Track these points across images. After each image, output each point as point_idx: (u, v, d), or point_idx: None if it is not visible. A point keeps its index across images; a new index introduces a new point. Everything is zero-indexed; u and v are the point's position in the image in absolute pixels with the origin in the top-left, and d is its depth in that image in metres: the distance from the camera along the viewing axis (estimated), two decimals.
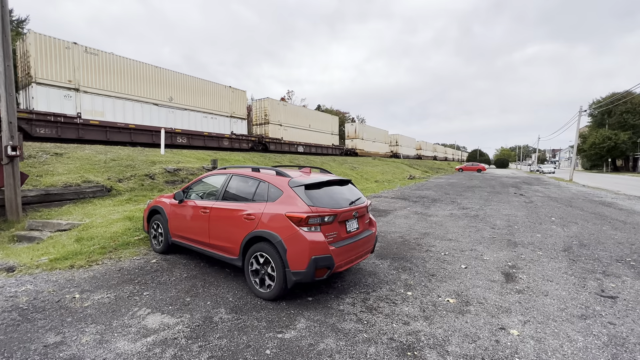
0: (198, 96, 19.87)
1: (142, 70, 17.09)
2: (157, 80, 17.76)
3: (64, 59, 14.01)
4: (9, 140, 6.94)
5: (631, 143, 52.77)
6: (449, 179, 25.88)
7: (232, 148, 21.61)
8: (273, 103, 25.46)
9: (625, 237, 6.96)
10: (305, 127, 28.88)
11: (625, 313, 3.51)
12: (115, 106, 15.81)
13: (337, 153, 33.53)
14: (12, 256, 5.14)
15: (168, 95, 18.33)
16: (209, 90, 20.59)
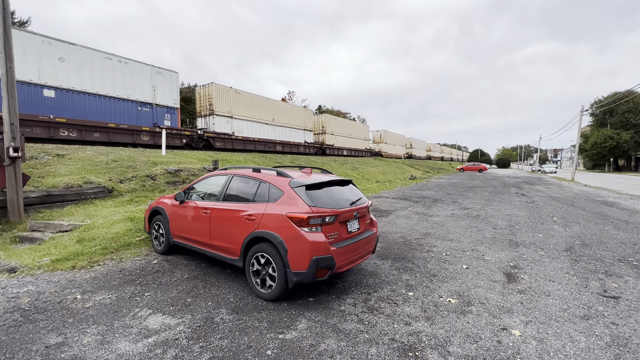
0: (285, 116, 26.34)
1: (258, 100, 23.92)
2: (266, 107, 24.51)
3: (225, 98, 21.07)
4: (11, 141, 6.96)
5: (633, 142, 52.58)
6: (450, 179, 25.83)
7: (305, 153, 28.11)
8: (329, 117, 33.77)
9: (627, 237, 6.93)
10: (347, 135, 36.44)
11: (628, 313, 3.49)
12: (247, 126, 22.75)
13: (368, 155, 40.14)
14: (14, 257, 5.16)
15: (271, 117, 24.89)
16: (291, 111, 27.65)
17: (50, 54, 13.01)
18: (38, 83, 12.82)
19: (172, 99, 17.68)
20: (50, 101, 13.12)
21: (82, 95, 14.10)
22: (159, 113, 17.03)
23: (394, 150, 48.71)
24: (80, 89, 14.00)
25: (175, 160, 13.09)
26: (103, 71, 14.63)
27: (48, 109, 12.99)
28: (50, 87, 13.11)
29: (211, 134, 19.95)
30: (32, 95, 12.64)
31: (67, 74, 13.55)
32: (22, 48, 12.07)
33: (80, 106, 14.03)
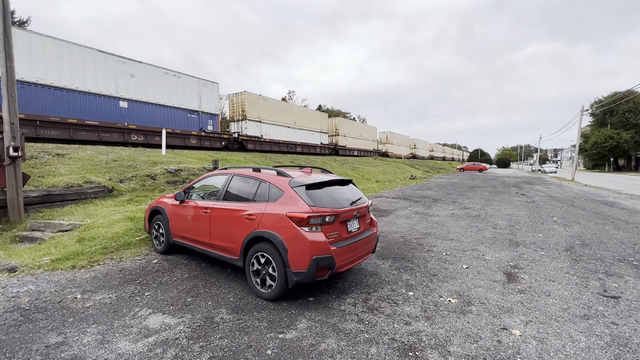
0: (304, 119, 28.92)
1: (282, 106, 26.90)
2: (288, 112, 27.11)
3: (255, 105, 23.43)
4: (11, 141, 6.96)
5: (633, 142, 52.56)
6: (450, 179, 25.83)
7: (321, 153, 30.79)
8: (342, 121, 36.73)
9: (627, 236, 6.93)
10: (357, 137, 39.00)
11: (628, 313, 3.49)
12: (273, 129, 24.91)
13: (376, 155, 42.32)
14: (14, 256, 5.16)
15: (293, 121, 27.33)
16: (309, 115, 30.16)
17: (124, 71, 15.52)
18: (115, 96, 15.29)
19: (213, 107, 20.33)
20: (124, 111, 15.62)
21: (146, 105, 16.63)
22: (204, 119, 19.65)
23: (399, 150, 51.22)
24: (145, 100, 16.51)
25: (175, 160, 13.09)
26: (162, 84, 17.25)
27: (123, 117, 15.52)
28: (124, 99, 15.62)
29: (244, 137, 22.40)
30: (111, 106, 15.15)
31: (136, 88, 16.12)
32: (105, 67, 14.77)
33: (145, 114, 16.53)
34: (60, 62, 13.35)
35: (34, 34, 12.75)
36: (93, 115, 14.47)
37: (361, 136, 39.71)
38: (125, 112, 15.59)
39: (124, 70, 15.42)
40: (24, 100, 12.28)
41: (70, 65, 13.65)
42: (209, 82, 20.00)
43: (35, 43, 12.60)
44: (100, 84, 14.62)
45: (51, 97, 13.25)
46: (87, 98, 14.34)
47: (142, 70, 16.32)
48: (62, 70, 13.44)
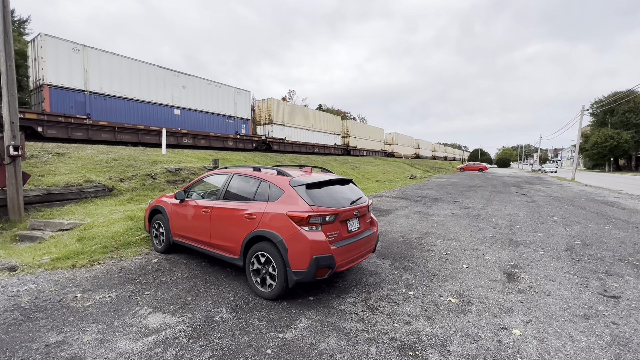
0: (320, 122, 31.38)
1: (301, 110, 29.88)
2: (307, 115, 29.69)
3: (279, 110, 25.94)
4: (11, 140, 6.96)
5: (634, 142, 52.53)
6: (450, 179, 25.83)
7: (334, 153, 33.30)
8: (353, 123, 39.48)
9: (628, 236, 6.92)
10: (367, 138, 41.36)
11: (629, 313, 3.49)
12: (294, 132, 27.41)
13: (383, 155, 44.71)
14: (14, 256, 5.16)
15: (311, 124, 29.86)
16: (324, 118, 32.60)
17: (177, 84, 18.15)
18: (171, 105, 17.85)
19: (246, 112, 22.96)
20: (177, 117, 18.25)
21: (194, 112, 19.29)
22: (238, 124, 22.35)
23: (404, 150, 54.06)
24: (193, 108, 19.19)
25: (176, 159, 13.09)
26: (206, 94, 19.93)
27: (176, 123, 18.21)
28: (178, 107, 18.26)
29: (271, 139, 24.85)
30: (168, 114, 17.82)
31: (187, 97, 18.74)
32: (163, 80, 17.44)
33: (193, 120, 19.22)
34: (131, 77, 15.93)
35: (114, 55, 15.27)
36: (155, 121, 17.06)
37: (370, 137, 42.18)
38: (178, 119, 18.28)
39: (177, 82, 18.13)
40: (105, 110, 14.90)
41: (138, 79, 16.24)
42: (242, 91, 22.83)
43: (113, 62, 15.16)
44: (160, 95, 17.30)
45: (124, 107, 15.78)
46: (150, 107, 16.91)
47: (191, 82, 18.99)
48: (132, 84, 16.03)
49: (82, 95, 14.16)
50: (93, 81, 14.47)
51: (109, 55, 15.06)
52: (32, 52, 13.70)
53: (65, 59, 13.52)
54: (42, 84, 13.09)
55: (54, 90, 13.23)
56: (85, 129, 14.15)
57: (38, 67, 13.31)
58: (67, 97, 13.71)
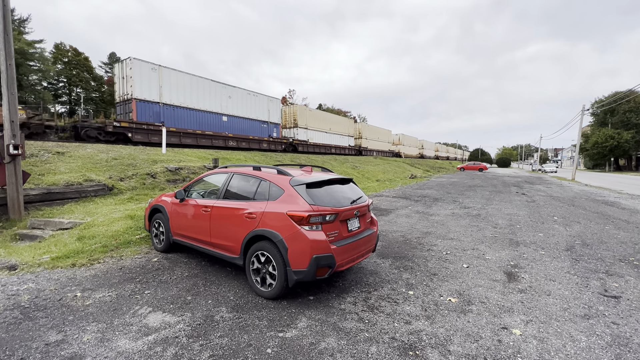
0: (337, 125, 34.76)
1: (321, 114, 33.00)
2: (326, 119, 33.05)
3: (303, 115, 29.25)
4: (11, 139, 6.95)
5: (634, 142, 52.49)
6: (450, 178, 25.81)
7: (349, 154, 36.50)
8: (365, 126, 43.12)
9: (628, 236, 6.92)
10: (376, 139, 44.68)
11: (629, 313, 3.49)
12: (315, 134, 30.67)
13: (390, 155, 47.66)
14: (14, 254, 5.16)
15: (329, 127, 33.09)
16: (340, 121, 36.16)
17: (224, 94, 21.47)
18: (220, 112, 21.13)
19: (277, 118, 26.22)
20: (225, 123, 21.58)
21: (238, 119, 22.60)
22: (271, 127, 25.59)
23: (410, 150, 57.40)
24: (237, 115, 22.48)
25: (176, 159, 13.08)
26: (246, 102, 23.26)
27: (224, 128, 21.51)
28: (225, 115, 21.58)
29: (297, 141, 28.03)
30: (218, 120, 21.06)
31: (232, 106, 22.06)
32: (215, 92, 20.76)
33: (237, 125, 22.54)
34: (191, 90, 19.19)
35: (179, 72, 18.64)
36: (208, 127, 20.29)
37: (379, 138, 45.44)
38: (225, 124, 21.52)
39: (225, 93, 21.48)
40: (173, 118, 18.16)
41: (196, 91, 19.51)
42: (274, 99, 26.27)
43: (179, 78, 18.49)
44: (212, 104, 20.46)
45: (186, 115, 19.00)
46: (205, 115, 20.11)
47: (235, 92, 22.39)
48: (192, 95, 19.24)
49: (157, 106, 17.39)
50: (165, 94, 17.73)
51: (176, 72, 18.44)
52: (120, 71, 16.96)
53: (146, 77, 16.70)
54: (131, 98, 16.23)
55: (139, 103, 16.41)
56: (158, 134, 16.63)
57: (126, 84, 16.48)
58: (147, 108, 16.91)
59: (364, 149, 40.45)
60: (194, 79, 19.48)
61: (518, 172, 44.36)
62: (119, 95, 17.18)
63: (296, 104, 30.01)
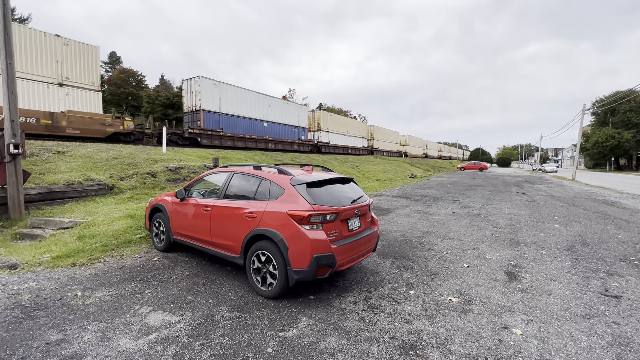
0: (353, 128, 38.46)
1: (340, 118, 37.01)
2: (344, 123, 36.92)
3: (326, 119, 33.11)
4: (12, 138, 6.95)
5: (635, 142, 52.43)
6: (450, 178, 25.80)
7: (363, 154, 39.36)
8: (376, 128, 45.52)
9: (629, 236, 6.91)
10: (386, 140, 48.15)
11: (630, 313, 3.48)
12: (335, 137, 34.21)
13: (397, 155, 50.55)
14: (15, 254, 5.16)
15: (346, 130, 36.63)
16: (355, 124, 40.02)
17: (265, 104, 25.07)
18: (262, 119, 24.70)
19: (305, 122, 30.00)
20: (265, 129, 25.14)
21: (275, 124, 26.07)
22: (300, 131, 29.15)
23: (415, 151, 61.09)
24: (275, 121, 25.98)
25: (176, 158, 13.08)
26: (281, 109, 26.91)
27: (265, 132, 25.04)
28: (266, 121, 25.14)
29: (321, 143, 31.62)
30: (260, 126, 24.59)
31: (271, 113, 25.63)
32: (258, 102, 24.30)
33: (275, 130, 26.02)
34: (241, 101, 22.84)
35: (232, 86, 22.23)
36: (253, 132, 23.81)
37: (388, 140, 49.09)
38: (266, 129, 25.09)
39: (265, 102, 25.13)
40: (229, 125, 21.71)
41: (244, 102, 23.07)
42: (303, 106, 30.66)
43: (232, 91, 22.19)
44: (256, 112, 24.09)
45: (238, 122, 22.52)
46: (251, 122, 23.68)
47: (273, 102, 26.08)
48: (242, 105, 22.87)
49: (217, 116, 20.98)
50: (223, 105, 21.33)
51: (230, 86, 22.15)
52: (188, 86, 20.51)
53: (210, 91, 20.30)
54: (199, 109, 19.85)
55: (205, 113, 20.05)
56: (219, 138, 20.73)
57: (195, 98, 20.11)
58: (211, 117, 20.51)
59: (375, 150, 43.93)
60: (243, 91, 23.17)
61: (518, 172, 44.33)
62: (187, 107, 20.68)
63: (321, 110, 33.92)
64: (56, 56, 13.80)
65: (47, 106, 13.59)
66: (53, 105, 13.79)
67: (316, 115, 32.92)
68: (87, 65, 15.20)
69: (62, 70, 14.06)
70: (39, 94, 13.49)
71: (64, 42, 14.11)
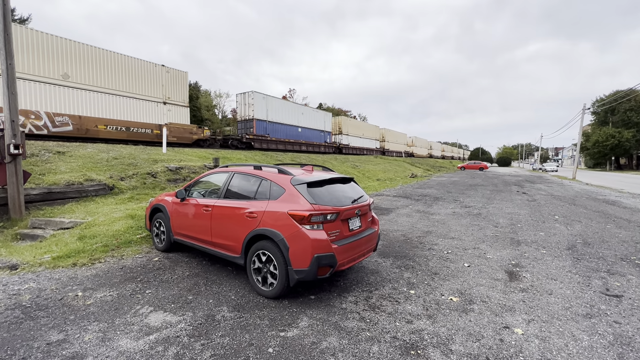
0: (367, 131, 42.21)
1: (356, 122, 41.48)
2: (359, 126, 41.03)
3: (346, 124, 37.29)
4: (12, 138, 6.95)
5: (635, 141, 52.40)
6: (451, 177, 25.79)
7: (376, 154, 41.71)
8: (387, 130, 48.86)
9: (629, 235, 6.90)
10: (395, 142, 51.84)
11: (631, 312, 3.48)
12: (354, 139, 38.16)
13: (404, 156, 53.43)
14: (15, 254, 5.16)
15: (362, 133, 40.36)
16: (370, 128, 43.51)
17: (299, 111, 29.41)
18: (297, 125, 28.65)
19: (329, 127, 33.95)
20: (299, 133, 29.06)
21: (307, 129, 30.16)
22: (325, 135, 33.27)
23: (420, 151, 64.83)
24: (307, 126, 30.12)
25: (176, 158, 13.08)
26: (311, 116, 31.11)
27: (299, 136, 28.97)
28: (300, 127, 29.11)
29: (342, 145, 35.74)
30: (295, 131, 28.47)
31: (303, 120, 29.74)
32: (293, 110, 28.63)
33: (306, 134, 30.05)
34: (281, 110, 26.85)
35: (275, 98, 26.74)
36: (290, 136, 27.71)
37: (397, 141, 53.00)
38: (299, 134, 29.01)
39: (299, 110, 29.53)
40: (273, 130, 25.65)
41: (283, 110, 27.00)
42: (328, 113, 35.28)
43: (275, 102, 26.23)
44: (292, 119, 28.03)
45: (279, 128, 26.41)
46: (288, 127, 27.60)
47: (305, 110, 30.85)
48: (282, 114, 26.78)
49: (265, 123, 24.99)
50: (269, 114, 25.41)
51: (274, 98, 26.48)
52: (242, 99, 24.49)
53: (260, 103, 24.38)
54: (252, 118, 23.84)
55: (257, 122, 24.07)
56: (267, 142, 24.84)
57: (248, 109, 24.09)
58: (260, 125, 24.54)
59: (386, 150, 48.11)
60: (283, 102, 28.38)
61: (519, 171, 44.32)
62: (240, 116, 24.97)
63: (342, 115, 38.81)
64: (162, 81, 18.31)
65: (156, 120, 17.96)
66: (159, 119, 18.21)
67: (337, 120, 37.51)
68: (180, 86, 19.71)
69: (165, 91, 18.62)
70: (151, 110, 17.77)
71: (166, 70, 18.64)
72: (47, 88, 13.65)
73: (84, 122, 14.43)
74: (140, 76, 17.09)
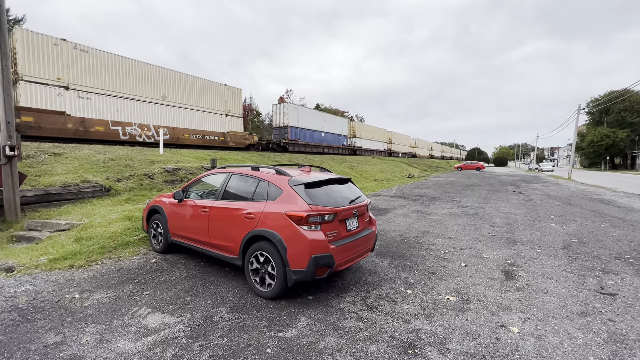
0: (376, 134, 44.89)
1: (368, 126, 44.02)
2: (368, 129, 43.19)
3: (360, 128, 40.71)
4: (7, 140, 6.90)
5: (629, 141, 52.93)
6: (448, 178, 25.91)
7: (384, 155, 43.86)
8: (393, 133, 51.46)
9: (624, 234, 6.98)
10: (400, 144, 54.17)
11: (625, 310, 3.52)
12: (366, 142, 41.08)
13: (409, 156, 56.09)
14: (11, 256, 5.12)
15: (372, 136, 42.96)
16: (378, 131, 45.91)
17: (322, 118, 32.55)
18: (321, 130, 31.69)
19: (346, 131, 37.19)
20: (323, 137, 32.14)
21: (329, 134, 33.23)
22: (343, 138, 36.36)
23: (422, 152, 67.42)
24: (329, 131, 33.17)
25: (173, 159, 13.04)
26: (332, 122, 34.36)
27: (323, 140, 32.06)
28: (323, 132, 32.19)
29: (356, 147, 38.58)
30: (320, 136, 31.52)
31: (326, 126, 32.81)
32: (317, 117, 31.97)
33: (328, 138, 33.11)
34: (308, 118, 29.91)
35: (304, 107, 32.39)
36: (315, 140, 30.71)
37: (402, 143, 55.65)
38: (323, 138, 32.13)
39: (322, 117, 32.86)
40: (302, 135, 28.65)
41: (310, 118, 30.24)
42: (346, 119, 40.04)
43: (304, 110, 30.21)
44: (316, 125, 31.02)
45: (307, 134, 29.39)
46: (314, 133, 30.56)
47: (327, 117, 34.28)
48: (309, 121, 29.73)
49: (297, 129, 28.03)
50: (300, 121, 28.44)
51: (304, 108, 32.10)
52: (277, 109, 27.90)
53: (292, 112, 27.66)
54: (287, 125, 26.95)
55: (290, 128, 27.19)
56: (298, 145, 27.81)
57: (283, 117, 27.25)
58: (293, 130, 27.51)
59: (393, 152, 51.05)
60: (310, 110, 32.47)
61: (515, 171, 44.59)
62: (276, 123, 28.10)
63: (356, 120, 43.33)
64: (224, 97, 22.06)
65: (220, 128, 21.68)
66: (223, 128, 21.88)
67: (352, 125, 40.89)
68: (236, 101, 23.28)
69: (227, 105, 22.25)
70: (217, 121, 21.52)
71: (227, 88, 22.23)
72: (151, 106, 17.81)
73: (176, 132, 18.58)
74: (210, 94, 21.23)
